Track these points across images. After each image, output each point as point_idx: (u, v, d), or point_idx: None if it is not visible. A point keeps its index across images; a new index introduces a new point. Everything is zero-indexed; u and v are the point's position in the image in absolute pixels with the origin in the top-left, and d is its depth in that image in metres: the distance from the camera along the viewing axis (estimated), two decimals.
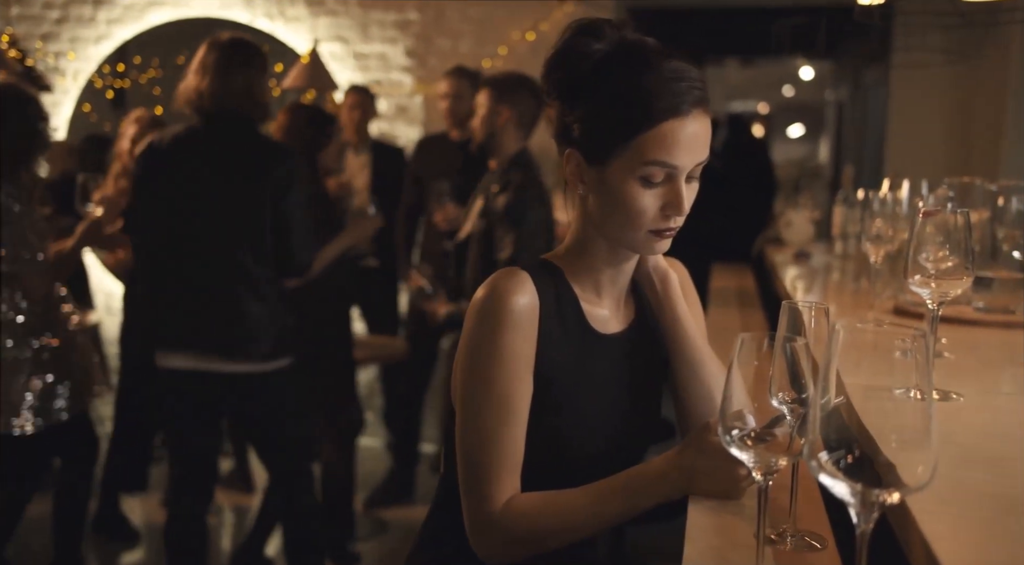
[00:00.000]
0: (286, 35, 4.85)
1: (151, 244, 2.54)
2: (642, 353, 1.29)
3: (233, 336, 2.49)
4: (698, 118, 1.13)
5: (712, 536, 1.03)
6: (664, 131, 1.11)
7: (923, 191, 1.96)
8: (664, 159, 1.12)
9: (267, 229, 2.49)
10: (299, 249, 2.53)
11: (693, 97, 1.12)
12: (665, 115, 1.11)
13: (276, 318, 2.54)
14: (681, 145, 1.12)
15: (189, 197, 2.48)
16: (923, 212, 1.23)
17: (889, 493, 0.71)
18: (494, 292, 1.16)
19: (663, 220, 1.15)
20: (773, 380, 0.90)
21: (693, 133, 1.13)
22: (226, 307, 2.48)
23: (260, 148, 2.53)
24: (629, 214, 1.15)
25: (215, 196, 2.47)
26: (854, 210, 2.80)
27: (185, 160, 2.49)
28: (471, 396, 1.16)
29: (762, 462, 0.88)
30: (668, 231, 1.16)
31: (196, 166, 2.48)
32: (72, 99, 4.97)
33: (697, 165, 1.15)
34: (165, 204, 2.50)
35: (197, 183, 2.47)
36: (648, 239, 1.17)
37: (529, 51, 4.63)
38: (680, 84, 1.12)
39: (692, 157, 1.13)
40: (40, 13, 4.92)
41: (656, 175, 1.13)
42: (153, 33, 4.92)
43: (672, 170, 1.13)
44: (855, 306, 2.11)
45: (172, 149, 2.51)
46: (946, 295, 1.22)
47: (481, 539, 1.17)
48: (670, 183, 1.14)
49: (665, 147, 1.11)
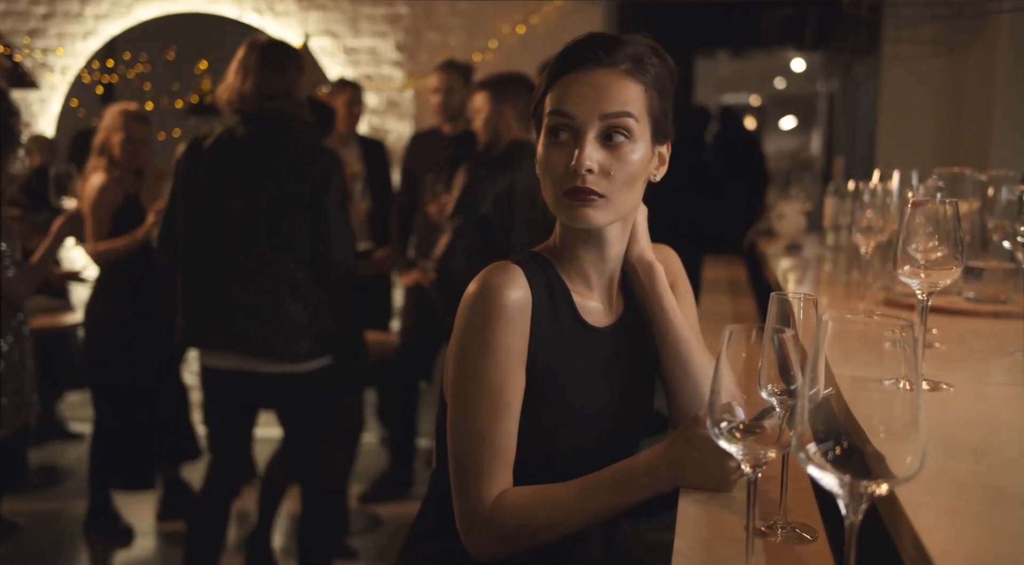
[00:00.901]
0: (275, 30, 4.82)
1: (192, 244, 2.56)
2: (634, 345, 1.28)
3: (273, 337, 2.52)
4: (606, 75, 1.15)
5: (703, 529, 1.02)
6: (563, 83, 1.17)
7: (913, 182, 1.96)
8: (559, 107, 1.16)
9: (306, 230, 2.52)
10: (337, 250, 2.55)
11: (602, 57, 1.15)
12: (565, 70, 1.17)
13: (316, 319, 2.57)
14: (576, 96, 1.15)
15: (231, 198, 2.52)
16: (912, 202, 1.22)
17: (878, 484, 0.71)
18: (486, 286, 1.15)
19: (570, 178, 1.14)
20: (762, 372, 0.89)
21: (594, 86, 1.15)
22: (266, 308, 2.52)
23: (300, 148, 2.57)
24: (544, 176, 1.18)
25: (257, 196, 2.51)
26: (845, 201, 2.80)
27: (227, 161, 2.53)
28: (463, 390, 1.16)
29: (751, 454, 0.88)
30: (580, 193, 1.13)
31: (238, 167, 2.52)
32: (60, 95, 4.93)
33: (606, 121, 1.14)
34: (207, 205, 2.53)
35: (239, 184, 2.51)
36: (563, 203, 1.16)
37: (519, 45, 4.62)
38: (588, 45, 1.17)
39: (590, 107, 1.14)
40: (26, 9, 4.88)
41: (559, 127, 1.16)
42: (141, 28, 4.89)
43: (571, 121, 1.15)
44: (847, 297, 2.11)
45: (214, 150, 2.55)
46: (936, 285, 1.21)
47: (472, 534, 1.16)
48: (577, 142, 1.15)
49: (560, 97, 1.16)
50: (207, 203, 2.54)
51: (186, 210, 2.56)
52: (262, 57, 2.53)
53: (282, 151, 2.54)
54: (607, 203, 1.15)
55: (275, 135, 2.55)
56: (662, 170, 1.23)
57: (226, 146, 2.54)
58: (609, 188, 1.14)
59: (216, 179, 2.53)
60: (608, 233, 1.21)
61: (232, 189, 2.51)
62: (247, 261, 2.51)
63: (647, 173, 1.20)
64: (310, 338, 2.55)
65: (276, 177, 2.50)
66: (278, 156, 2.53)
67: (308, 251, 2.53)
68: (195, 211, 2.55)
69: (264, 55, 2.54)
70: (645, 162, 1.18)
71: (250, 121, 2.55)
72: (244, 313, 2.52)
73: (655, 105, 1.18)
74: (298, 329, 2.53)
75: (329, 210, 2.52)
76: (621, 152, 1.15)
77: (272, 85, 2.52)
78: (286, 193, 2.50)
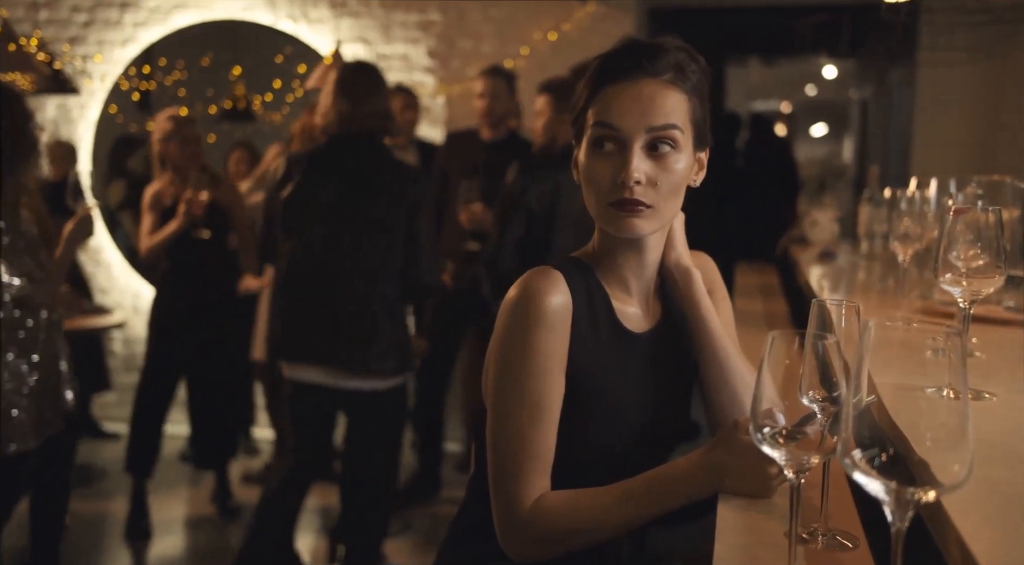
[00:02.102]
0: (309, 36, 4.88)
1: (294, 262, 2.65)
2: (671, 351, 1.28)
3: (368, 354, 2.61)
4: (651, 86, 1.15)
5: (742, 534, 1.02)
6: (608, 94, 1.16)
7: (952, 189, 1.94)
8: (604, 119, 1.15)
9: (400, 250, 2.62)
10: (430, 272, 2.67)
11: (645, 66, 1.15)
12: (610, 80, 1.16)
13: (403, 336, 2.68)
14: (621, 107, 1.14)
15: (333, 217, 2.61)
16: (954, 210, 1.22)
17: (924, 491, 0.71)
18: (527, 291, 1.16)
19: (617, 190, 1.14)
20: (804, 378, 0.90)
21: (635, 97, 1.14)
22: (364, 325, 2.60)
23: (396, 171, 2.67)
24: (588, 186, 1.18)
25: (358, 217, 2.60)
26: (880, 209, 2.78)
27: (328, 181, 2.62)
28: (503, 395, 1.16)
29: (794, 460, 0.88)
30: (628, 205, 1.14)
31: (339, 187, 2.61)
32: (99, 101, 5.02)
33: (653, 133, 1.14)
34: (309, 224, 2.62)
35: (341, 203, 2.60)
36: (609, 214, 1.16)
37: (551, 51, 4.63)
38: (631, 54, 1.16)
39: (636, 120, 1.14)
40: (68, 16, 4.98)
41: (604, 138, 1.16)
42: (178, 35, 4.96)
43: (617, 133, 1.15)
44: (882, 306, 2.09)
45: (314, 169, 2.64)
46: (978, 293, 1.21)
47: (510, 538, 1.17)
48: (622, 153, 1.15)
49: (606, 109, 1.15)
50: (310, 222, 2.62)
51: (288, 229, 2.66)
52: (360, 80, 2.63)
53: (380, 173, 2.63)
54: (653, 212, 1.15)
55: (372, 156, 2.66)
56: (701, 175, 1.24)
57: (326, 166, 2.64)
58: (656, 198, 1.15)
59: (318, 198, 2.61)
60: (648, 240, 1.22)
61: (334, 209, 2.60)
62: (348, 280, 2.60)
63: (689, 180, 1.20)
64: (398, 355, 2.66)
65: (376, 199, 2.60)
66: (377, 178, 2.62)
67: (400, 270, 2.63)
68: (296, 230, 2.64)
69: (361, 78, 2.64)
70: (688, 170, 1.18)
71: (348, 142, 2.63)
72: (342, 330, 2.60)
73: (696, 112, 1.19)
74: (390, 346, 2.63)
75: (423, 232, 2.63)
76: (666, 162, 1.15)
77: (371, 106, 2.62)
78: (385, 214, 2.60)
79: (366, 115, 2.62)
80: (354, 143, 2.64)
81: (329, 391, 2.67)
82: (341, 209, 2.61)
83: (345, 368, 2.63)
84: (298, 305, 2.67)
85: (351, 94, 2.62)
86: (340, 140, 2.65)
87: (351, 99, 2.61)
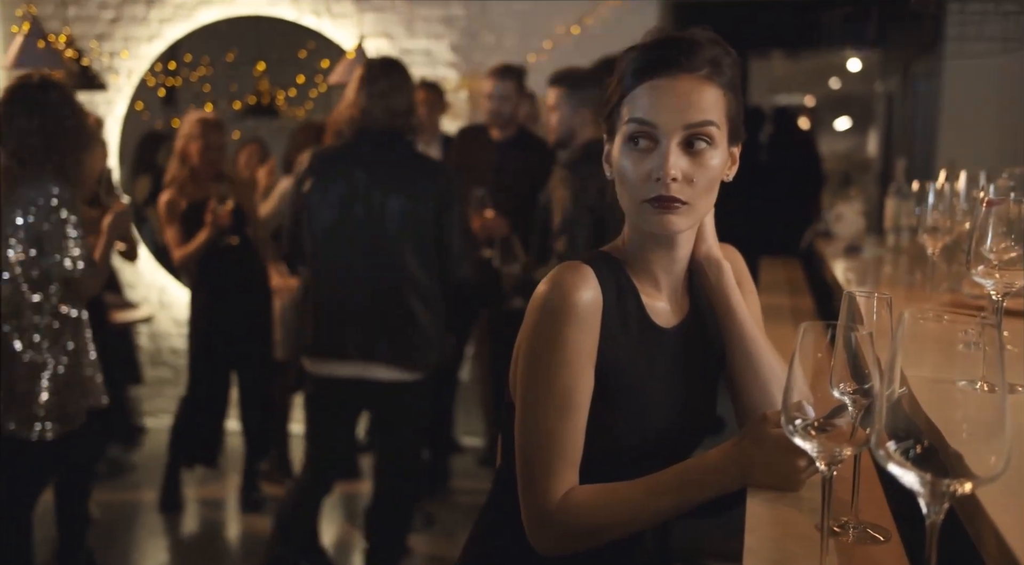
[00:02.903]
0: (332, 31, 4.89)
1: (325, 259, 2.66)
2: (699, 345, 1.28)
3: (408, 346, 2.64)
4: (689, 81, 1.14)
5: (771, 527, 1.02)
6: (645, 89, 1.15)
7: (981, 181, 1.92)
8: (641, 116, 1.14)
9: (433, 242, 2.65)
10: (462, 263, 2.70)
11: (683, 62, 1.13)
12: (647, 75, 1.14)
13: (440, 330, 2.72)
14: (658, 103, 1.13)
15: (364, 213, 2.62)
16: (986, 202, 1.20)
17: (961, 483, 0.71)
18: (558, 287, 1.16)
19: (653, 187, 1.13)
20: (835, 370, 0.89)
21: (672, 92, 1.13)
22: (401, 318, 2.63)
23: (425, 166, 2.71)
24: (623, 182, 1.17)
25: (389, 212, 2.61)
26: (907, 202, 2.76)
27: (357, 177, 2.62)
28: (532, 390, 1.17)
29: (826, 452, 0.88)
30: (664, 201, 1.13)
31: (368, 182, 2.61)
32: (126, 97, 5.06)
33: (690, 130, 1.13)
34: (339, 220, 2.62)
35: (371, 199, 2.61)
36: (645, 211, 1.15)
37: (574, 45, 4.62)
38: (669, 49, 1.14)
39: (674, 117, 1.13)
40: (95, 13, 5.02)
41: (640, 135, 1.14)
42: (203, 31, 5.00)
43: (653, 129, 1.13)
44: (910, 299, 2.07)
45: (341, 166, 2.65)
46: (1011, 286, 1.19)
47: (538, 532, 1.17)
48: (658, 148, 1.14)
49: (644, 106, 1.14)
50: (339, 219, 2.62)
51: (315, 226, 2.65)
52: (383, 77, 2.63)
53: (408, 168, 2.65)
54: (689, 209, 1.15)
55: (399, 152, 2.67)
56: (734, 169, 1.23)
57: (353, 162, 2.64)
58: (692, 194, 1.14)
59: (348, 195, 2.62)
60: (680, 236, 1.21)
61: (364, 205, 2.61)
62: (383, 273, 2.63)
63: (723, 175, 1.20)
64: (437, 347, 2.70)
65: (406, 194, 2.61)
66: (406, 173, 2.64)
67: (435, 262, 2.66)
68: (326, 227, 2.64)
69: (384, 75, 2.64)
70: (723, 165, 1.18)
71: (372, 137, 2.64)
72: (380, 323, 2.63)
73: (732, 107, 1.18)
74: (429, 338, 2.67)
75: (454, 225, 2.65)
76: (703, 158, 1.14)
77: (394, 103, 2.62)
78: (416, 209, 2.61)
79: (390, 111, 2.62)
80: (379, 138, 2.65)
81: (360, 385, 2.68)
82: (368, 204, 2.62)
83: (385, 361, 2.64)
84: (331, 302, 2.67)
85: (376, 89, 2.62)
86: (365, 135, 2.65)
87: (375, 95, 2.62)
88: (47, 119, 2.44)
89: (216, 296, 3.61)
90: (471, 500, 3.79)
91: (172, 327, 4.97)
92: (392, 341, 2.64)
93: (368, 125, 2.64)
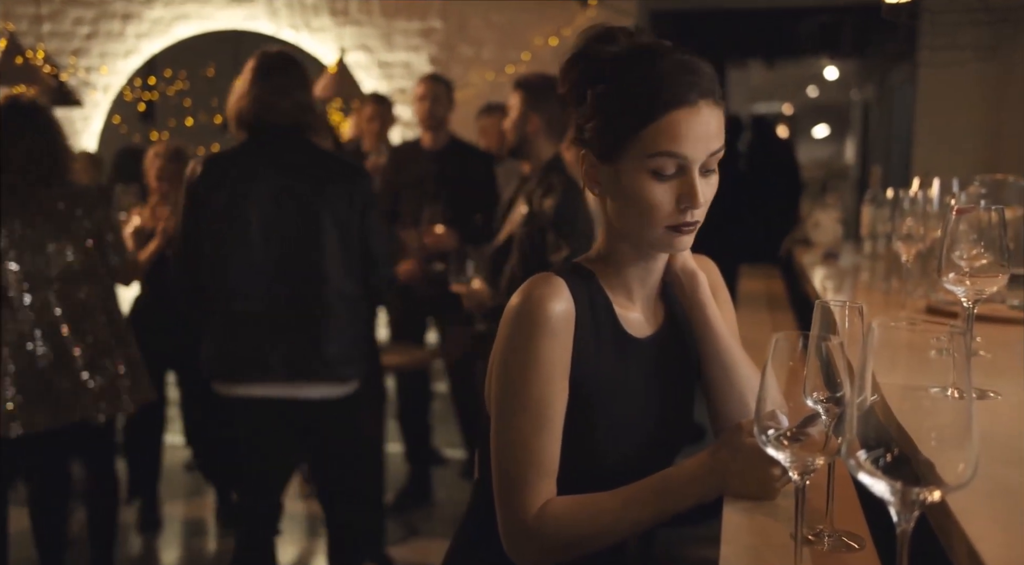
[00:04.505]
0: (311, 45, 4.90)
1: (229, 271, 2.36)
2: (674, 355, 1.29)
3: (333, 359, 2.40)
4: (707, 108, 1.13)
5: (748, 536, 1.02)
6: (671, 121, 1.11)
7: (954, 189, 1.94)
8: (672, 149, 1.12)
9: (353, 246, 2.43)
10: (382, 265, 2.51)
11: (701, 88, 1.12)
12: (672, 105, 1.11)
13: (360, 338, 2.50)
14: (689, 134, 1.11)
15: (273, 219, 2.36)
16: (957, 209, 1.22)
17: (930, 491, 0.71)
18: (530, 299, 1.15)
19: (679, 214, 1.14)
20: (807, 379, 0.90)
21: (702, 122, 1.12)
22: (319, 330, 2.38)
23: (340, 165, 2.48)
24: (644, 210, 1.15)
25: (302, 216, 2.37)
26: (883, 210, 2.78)
27: (260, 179, 2.37)
28: (506, 403, 1.16)
29: (799, 461, 0.88)
30: (687, 226, 1.15)
31: (275, 185, 2.36)
32: (103, 112, 5.05)
33: (711, 156, 1.14)
34: (245, 228, 2.36)
35: (280, 203, 2.36)
36: (667, 235, 1.16)
37: (552, 56, 4.64)
38: (687, 76, 1.12)
39: (702, 147, 1.13)
40: (71, 29, 5.00)
41: (667, 167, 1.13)
42: (180, 47, 4.99)
43: (683, 161, 1.12)
44: (886, 306, 2.09)
45: (243, 169, 2.38)
46: (981, 293, 1.20)
47: (516, 545, 1.17)
48: (683, 175, 1.13)
49: (673, 137, 1.11)
50: (245, 226, 2.35)
51: (218, 235, 2.36)
52: (283, 68, 2.41)
53: (324, 169, 2.42)
54: (697, 226, 1.17)
55: (311, 151, 2.44)
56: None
57: (262, 163, 2.38)
58: (701, 214, 1.17)
59: (251, 199, 2.35)
60: None
61: (273, 209, 2.36)
62: (302, 283, 2.38)
63: None
64: (359, 359, 2.47)
65: (319, 196, 2.38)
66: (323, 174, 2.41)
67: (354, 267, 2.44)
68: (230, 236, 2.36)
69: (284, 66, 2.42)
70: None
71: (276, 135, 2.40)
72: (294, 337, 2.37)
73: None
74: (355, 349, 2.45)
75: (375, 227, 2.47)
76: (712, 180, 1.16)
77: (298, 97, 2.40)
78: (332, 212, 2.38)
79: (287, 105, 2.37)
80: (283, 136, 2.40)
81: (280, 404, 2.40)
82: (279, 209, 2.36)
83: (297, 378, 2.38)
84: (243, 317, 2.37)
85: (276, 82, 2.38)
86: (266, 133, 2.39)
87: (270, 87, 2.37)
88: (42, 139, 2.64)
89: (158, 296, 3.57)
90: (453, 512, 3.77)
91: None
92: (316, 355, 2.38)
93: (270, 120, 2.37)
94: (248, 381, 2.39)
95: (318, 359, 2.38)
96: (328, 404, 2.45)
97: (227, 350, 2.39)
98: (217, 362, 2.41)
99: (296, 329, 2.38)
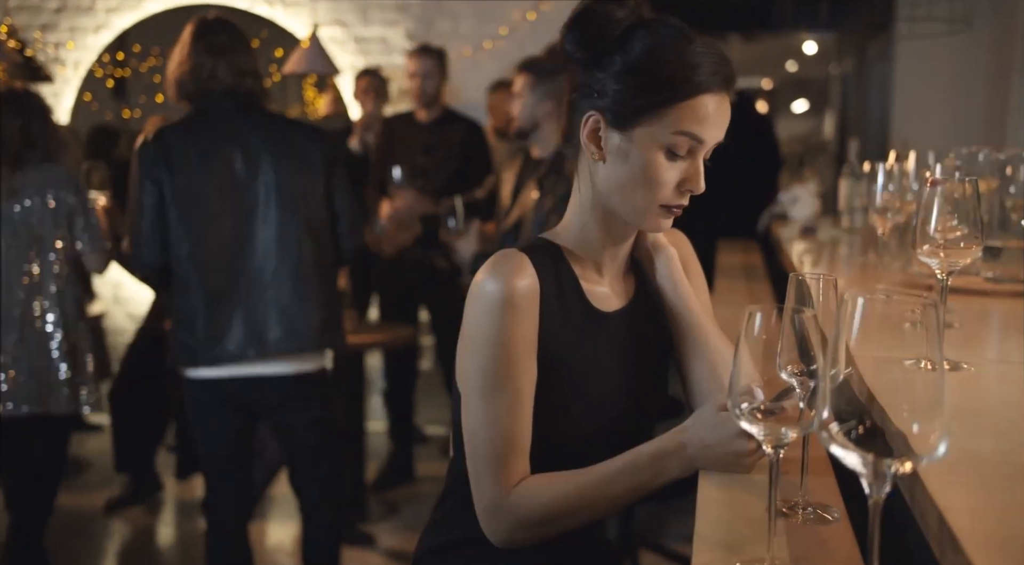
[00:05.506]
0: (285, 20, 4.82)
1: (198, 248, 2.28)
2: (644, 329, 1.28)
3: (305, 332, 2.32)
4: (726, 99, 1.15)
5: (723, 510, 1.02)
6: (702, 103, 1.12)
7: (930, 161, 1.94)
8: (695, 131, 1.12)
9: (317, 213, 2.36)
10: (353, 231, 2.44)
11: (728, 76, 1.14)
12: (705, 87, 1.12)
13: (332, 311, 2.41)
14: (713, 120, 1.13)
15: (237, 190, 2.28)
16: (931, 181, 1.21)
17: (901, 462, 0.71)
18: (493, 276, 1.14)
19: (678, 196, 1.16)
20: (782, 353, 0.89)
21: (724, 112, 1.14)
22: (294, 303, 2.31)
23: (304, 130, 2.41)
24: (648, 184, 1.14)
25: (273, 182, 2.29)
26: (860, 183, 2.78)
27: (218, 149, 2.28)
28: (474, 381, 1.15)
29: (773, 435, 0.88)
30: (677, 208, 1.17)
31: (235, 155, 2.28)
32: (73, 89, 4.95)
33: (715, 145, 1.16)
34: (205, 201, 2.27)
35: (244, 173, 2.28)
36: (657, 214, 1.17)
37: (530, 31, 4.59)
38: (722, 63, 1.14)
39: (718, 134, 1.15)
40: (39, 3, 4.89)
41: (682, 146, 1.13)
42: (152, 21, 4.89)
43: (697, 144, 1.13)
44: (863, 279, 2.09)
45: (197, 139, 2.28)
46: (955, 265, 1.20)
47: (492, 523, 1.16)
48: (691, 158, 1.14)
49: (699, 119, 1.12)
50: (213, 198, 2.27)
51: (176, 210, 2.27)
52: (223, 31, 2.33)
53: (288, 135, 2.34)
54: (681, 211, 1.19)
55: (270, 118, 2.36)
56: None
57: (220, 132, 2.28)
58: (687, 200, 1.18)
59: (220, 169, 2.27)
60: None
61: (242, 179, 2.27)
62: (271, 254, 2.30)
63: None
64: (333, 332, 2.41)
65: (285, 163, 2.31)
66: (286, 141, 2.33)
67: (323, 237, 2.37)
68: (187, 210, 2.27)
69: (224, 30, 2.34)
70: None
71: (228, 102, 2.30)
72: (270, 312, 2.30)
73: None
74: (328, 320, 2.38)
75: (345, 192, 2.41)
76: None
77: (240, 62, 2.31)
78: (300, 179, 2.32)
79: (238, 70, 2.29)
80: (235, 102, 2.30)
81: (244, 381, 2.33)
82: (248, 177, 2.28)
83: (265, 354, 2.31)
84: (208, 293, 2.29)
85: (215, 45, 2.29)
86: (216, 100, 2.30)
87: (217, 51, 2.28)
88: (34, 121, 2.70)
89: None
90: (434, 490, 3.76)
91: (128, 323, 4.88)
92: (288, 329, 2.30)
93: (211, 87, 2.28)
94: (208, 363, 2.32)
95: (293, 332, 2.32)
96: (292, 380, 2.37)
97: (191, 329, 2.31)
98: (182, 344, 2.33)
99: (258, 302, 2.30)
